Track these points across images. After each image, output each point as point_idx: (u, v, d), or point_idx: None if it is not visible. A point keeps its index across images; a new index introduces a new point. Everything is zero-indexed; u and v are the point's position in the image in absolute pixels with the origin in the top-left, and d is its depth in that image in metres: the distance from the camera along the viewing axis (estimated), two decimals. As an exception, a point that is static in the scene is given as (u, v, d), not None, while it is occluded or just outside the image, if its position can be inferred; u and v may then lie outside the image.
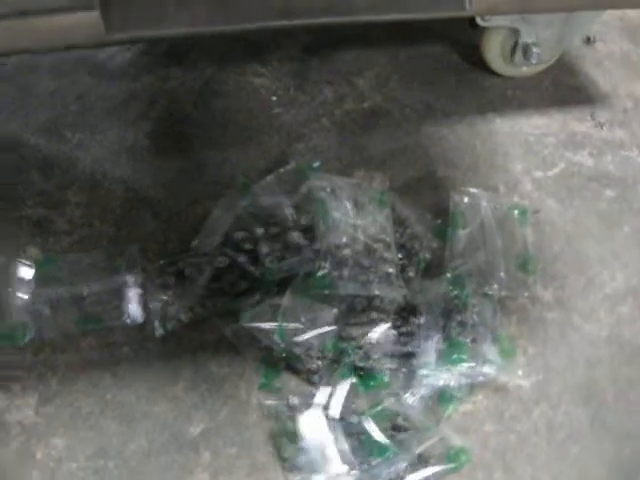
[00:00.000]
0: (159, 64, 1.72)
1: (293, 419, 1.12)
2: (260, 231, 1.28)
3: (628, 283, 1.37)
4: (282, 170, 1.41)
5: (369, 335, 1.17)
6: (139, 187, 1.46)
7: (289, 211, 1.30)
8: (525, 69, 1.70)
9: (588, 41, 1.67)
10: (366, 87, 1.68)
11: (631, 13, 1.88)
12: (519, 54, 1.62)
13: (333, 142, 1.54)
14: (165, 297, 1.25)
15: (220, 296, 1.26)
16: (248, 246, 1.29)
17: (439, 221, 1.39)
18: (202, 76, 1.69)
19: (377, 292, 1.19)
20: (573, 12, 1.48)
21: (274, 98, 1.64)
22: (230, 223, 1.33)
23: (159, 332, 1.22)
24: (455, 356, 1.17)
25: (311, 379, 1.18)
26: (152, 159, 1.52)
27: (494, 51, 1.65)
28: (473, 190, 1.42)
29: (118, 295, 1.24)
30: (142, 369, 1.20)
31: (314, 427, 1.10)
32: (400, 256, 1.29)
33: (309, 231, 1.27)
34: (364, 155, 1.53)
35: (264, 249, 1.25)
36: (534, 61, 1.61)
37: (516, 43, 1.61)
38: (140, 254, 1.31)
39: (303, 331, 1.15)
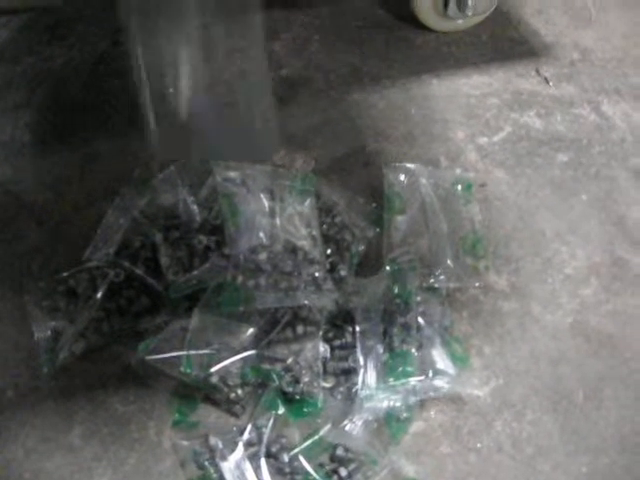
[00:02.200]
0: (42, 42, 1.51)
1: (214, 463, 0.94)
2: (159, 236, 1.08)
3: (590, 260, 1.22)
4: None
5: (297, 354, 0.99)
6: (20, 189, 1.27)
7: (193, 210, 1.11)
8: (460, 22, 1.55)
9: (527, -13, 1.51)
10: (283, 51, 1.51)
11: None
12: (453, 6, 1.48)
13: (247, 119, 1.35)
14: (54, 323, 1.06)
15: (118, 317, 1.07)
16: (147, 254, 1.10)
17: (373, 205, 1.23)
18: (93, 53, 1.49)
19: (304, 301, 1.01)
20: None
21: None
22: (126, 228, 1.14)
23: (49, 368, 1.03)
24: (400, 369, 1.01)
25: (232, 410, 1.00)
26: (35, 155, 1.33)
27: (425, 4, 1.50)
28: (410, 165, 1.26)
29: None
30: (30, 416, 1.01)
31: (238, 472, 0.93)
32: (329, 252, 1.12)
33: (218, 233, 1.07)
34: (284, 132, 1.35)
35: (164, 259, 1.05)
36: (469, 13, 1.47)
37: (449, -6, 1.45)
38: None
39: (217, 358, 0.97)
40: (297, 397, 0.99)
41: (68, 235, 1.20)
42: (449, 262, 1.16)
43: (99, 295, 1.07)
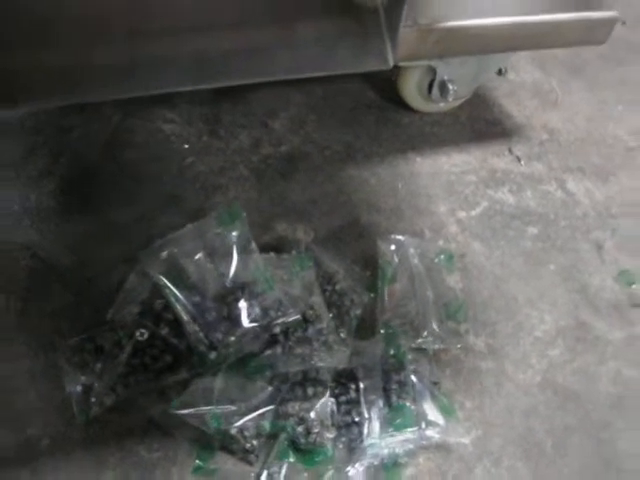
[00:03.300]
0: (60, 114, 1.61)
1: (233, 506, 1.06)
2: (181, 300, 1.19)
3: (557, 324, 1.37)
4: (201, 222, 1.30)
5: (308, 409, 1.12)
6: (46, 253, 1.35)
7: (211, 275, 1.22)
8: (442, 105, 1.69)
9: (500, 72, 1.67)
10: (282, 129, 1.63)
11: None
12: (436, 91, 1.61)
13: (252, 192, 1.48)
14: (84, 378, 1.17)
15: (143, 373, 1.17)
16: (170, 316, 1.20)
17: (368, 273, 1.36)
18: (108, 125, 1.59)
19: (320, 364, 1.14)
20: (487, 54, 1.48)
21: (186, 146, 1.57)
22: (149, 291, 1.24)
23: (81, 419, 1.13)
24: (399, 421, 1.14)
25: (248, 459, 1.12)
26: (59, 221, 1.41)
27: (411, 88, 1.64)
28: (399, 237, 1.39)
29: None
30: (64, 462, 1.11)
31: (255, 514, 1.05)
32: (331, 315, 1.25)
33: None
34: (285, 205, 1.47)
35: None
36: (451, 98, 1.60)
37: (433, 80, 1.59)
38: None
39: (239, 413, 1.09)
40: (309, 447, 1.11)
41: (92, 297, 1.29)
42: (434, 326, 1.28)
43: (125, 353, 1.17)
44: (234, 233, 1.23)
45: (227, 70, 1.07)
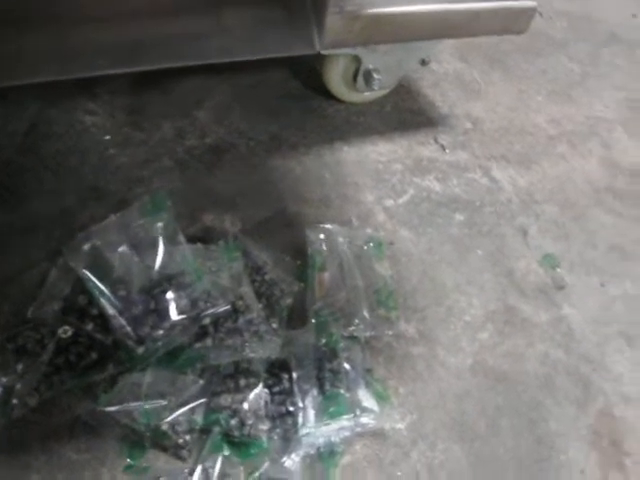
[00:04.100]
0: None
1: (165, 503, 1.03)
2: (106, 294, 1.14)
3: (486, 308, 1.39)
4: (124, 213, 1.26)
5: (241, 401, 1.10)
6: None
7: (136, 267, 1.18)
8: (367, 95, 1.69)
9: (423, 62, 1.67)
10: (207, 120, 1.60)
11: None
12: (361, 81, 1.60)
13: (177, 184, 1.44)
14: (5, 379, 1.11)
15: (68, 371, 1.12)
16: (94, 311, 1.16)
17: (298, 262, 1.35)
18: (26, 116, 1.52)
19: (252, 354, 1.12)
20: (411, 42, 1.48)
21: (108, 137, 1.51)
22: (71, 286, 1.20)
23: (2, 421, 1.08)
24: (333, 409, 1.13)
25: (180, 454, 1.08)
26: None
27: (336, 78, 1.63)
28: (328, 226, 1.38)
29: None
30: (-14, 467, 1.06)
31: (189, 510, 1.02)
32: (261, 306, 1.23)
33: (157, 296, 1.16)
34: (212, 196, 1.44)
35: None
36: (376, 87, 1.60)
37: (357, 69, 1.59)
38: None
39: (170, 408, 1.06)
40: (244, 439, 1.09)
41: (12, 295, 1.22)
42: (365, 313, 1.27)
43: (48, 352, 1.12)
44: (159, 224, 1.20)
45: (156, 54, 1.04)
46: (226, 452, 1.08)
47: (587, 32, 2.17)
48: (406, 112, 1.73)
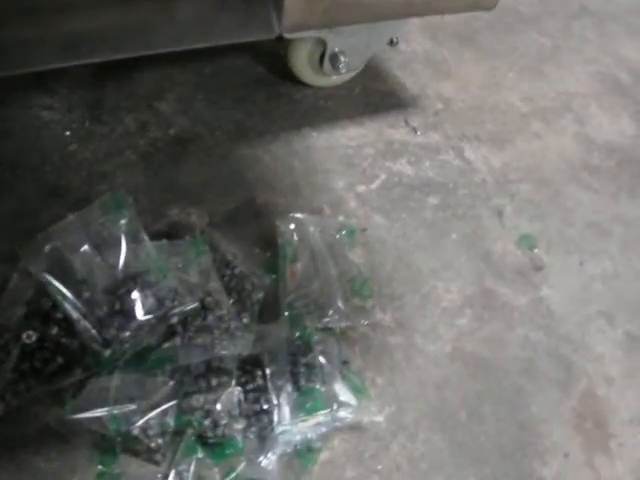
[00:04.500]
0: None
1: (140, 511, 1.00)
2: (70, 298, 1.10)
3: (463, 293, 1.36)
4: (84, 212, 1.22)
5: (214, 401, 1.06)
6: None
7: (98, 268, 1.14)
8: (335, 78, 1.65)
9: (391, 43, 1.63)
10: (170, 111, 1.55)
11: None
12: (327, 64, 1.57)
13: (141, 178, 1.40)
14: (-32, 389, 1.07)
15: (34, 377, 1.08)
16: (59, 315, 1.12)
17: (268, 254, 1.31)
18: (-22, 115, 1.47)
19: (223, 352, 1.08)
20: (378, 22, 1.44)
21: (68, 133, 1.46)
22: (34, 289, 1.15)
23: (-34, 433, 1.04)
24: (309, 404, 1.10)
25: (153, 458, 1.05)
26: None
27: (302, 62, 1.59)
28: (299, 215, 1.35)
29: None
30: (-50, 483, 1.02)
31: (164, 518, 0.98)
32: (231, 301, 1.19)
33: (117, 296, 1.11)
34: (177, 189, 1.40)
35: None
36: (343, 70, 1.56)
37: (323, 53, 1.55)
38: None
39: (139, 412, 1.02)
40: (218, 440, 1.05)
41: (-28, 301, 1.18)
42: (340, 303, 1.24)
43: (12, 358, 1.08)
44: (122, 221, 1.16)
45: (106, 45, 0.99)
46: (200, 454, 1.05)
47: (557, 6, 2.14)
48: (375, 94, 1.69)
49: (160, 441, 1.05)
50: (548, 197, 1.58)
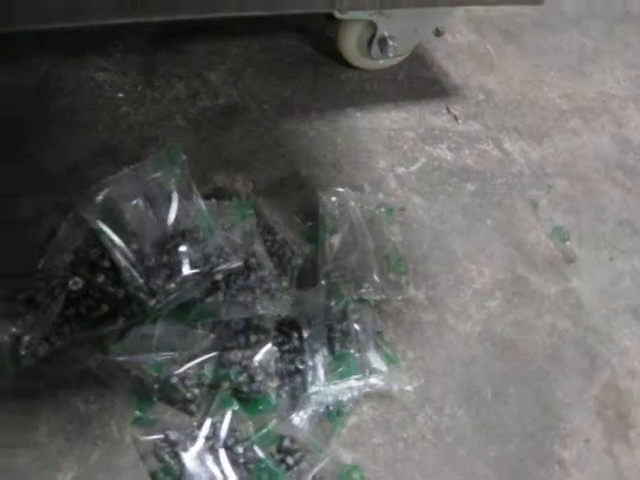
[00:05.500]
0: None
1: (174, 456, 1.03)
2: (119, 247, 1.14)
3: (495, 277, 1.39)
4: (139, 166, 1.24)
5: (251, 357, 1.09)
6: None
7: (150, 220, 1.17)
8: (382, 62, 1.68)
9: (437, 32, 1.66)
10: (220, 82, 1.58)
11: (477, 4, 1.90)
12: (376, 47, 1.59)
13: (189, 143, 1.43)
14: (14, 329, 1.11)
15: (78, 323, 1.12)
16: (106, 264, 1.15)
17: (309, 224, 1.34)
18: (37, 72, 1.51)
19: (263, 311, 1.11)
20: (429, 7, 1.47)
21: (120, 95, 1.50)
22: (82, 239, 1.19)
23: (11, 370, 1.07)
24: (342, 369, 1.13)
25: (188, 408, 1.09)
26: None
27: (351, 44, 1.62)
28: (340, 190, 1.38)
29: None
30: (-6, 414, 1.06)
31: (198, 462, 1.02)
32: (272, 266, 1.22)
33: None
34: (223, 156, 1.43)
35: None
36: (391, 54, 1.59)
37: (372, 36, 1.58)
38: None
39: (180, 360, 1.06)
40: (252, 395, 1.09)
41: (22, 247, 1.22)
42: (375, 277, 1.27)
43: (58, 303, 1.11)
44: (174, 178, 1.19)
45: (177, 4, 1.02)
46: (235, 407, 1.08)
47: (601, 9, 2.16)
48: (419, 81, 1.72)
49: (197, 391, 1.08)
50: (582, 193, 1.60)
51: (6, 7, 0.99)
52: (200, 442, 1.04)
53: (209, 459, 1.02)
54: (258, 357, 1.09)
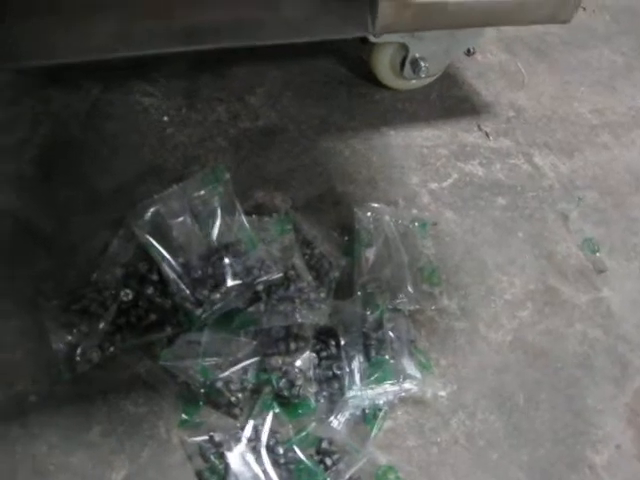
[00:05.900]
0: (39, 85, 1.61)
1: (219, 456, 1.09)
2: (167, 261, 1.22)
3: (526, 288, 1.43)
4: (186, 183, 1.34)
5: (291, 363, 1.16)
6: (29, 219, 1.36)
7: (195, 235, 1.26)
8: (414, 82, 1.73)
9: (468, 52, 1.72)
10: (259, 104, 1.66)
11: (507, 25, 1.95)
12: (408, 68, 1.65)
13: (230, 163, 1.51)
14: (70, 337, 1.19)
15: (129, 331, 1.20)
16: (154, 277, 1.24)
17: (346, 238, 1.40)
18: (87, 97, 1.60)
19: (302, 320, 1.18)
20: (459, 29, 1.53)
21: (165, 118, 1.59)
22: (132, 253, 1.27)
23: (67, 375, 1.15)
24: (378, 374, 1.19)
25: (232, 412, 1.15)
26: (40, 188, 1.42)
27: (384, 65, 1.68)
28: (375, 205, 1.44)
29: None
30: (52, 417, 1.13)
31: (241, 462, 1.08)
32: (310, 278, 1.29)
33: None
34: (263, 175, 1.51)
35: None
36: (423, 75, 1.64)
37: (405, 58, 1.63)
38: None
39: (224, 366, 1.13)
40: (292, 400, 1.15)
41: (76, 261, 1.30)
42: (409, 288, 1.33)
43: (110, 312, 1.19)
44: (218, 195, 1.27)
45: (216, 35, 1.10)
46: (276, 410, 1.14)
47: (630, 25, 2.19)
48: (451, 100, 1.77)
49: (240, 395, 1.15)
50: (613, 206, 1.63)
51: (58, 41, 1.07)
52: (243, 443, 1.10)
53: (252, 459, 1.08)
54: (298, 363, 1.16)
